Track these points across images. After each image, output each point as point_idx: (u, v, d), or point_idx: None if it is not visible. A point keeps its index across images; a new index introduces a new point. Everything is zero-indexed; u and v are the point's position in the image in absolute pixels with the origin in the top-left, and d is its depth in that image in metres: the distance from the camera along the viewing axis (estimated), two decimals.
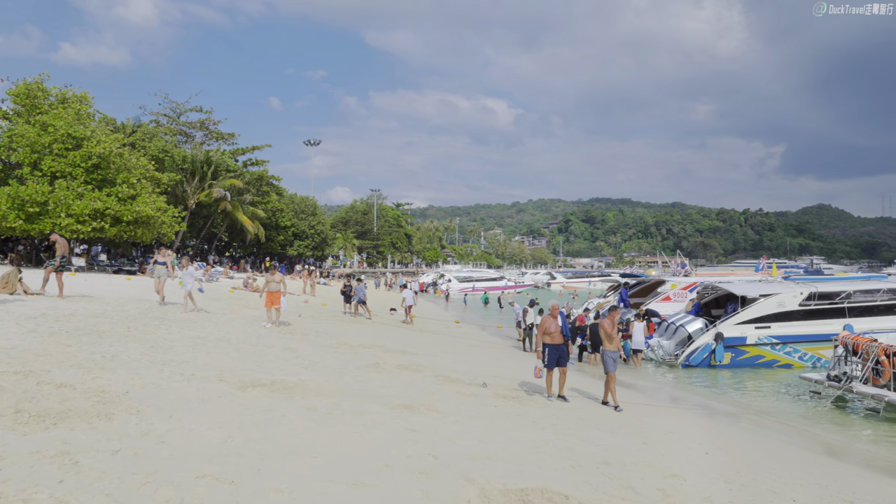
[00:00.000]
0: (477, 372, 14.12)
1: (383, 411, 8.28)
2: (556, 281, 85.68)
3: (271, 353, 12.25)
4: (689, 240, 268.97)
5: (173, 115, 61.51)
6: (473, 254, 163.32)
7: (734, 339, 18.52)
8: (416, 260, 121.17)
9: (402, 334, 20.70)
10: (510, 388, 12.04)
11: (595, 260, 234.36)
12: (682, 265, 28.85)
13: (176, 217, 41.71)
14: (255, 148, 64.79)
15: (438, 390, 10.74)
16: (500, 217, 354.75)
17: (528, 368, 16.68)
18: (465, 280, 67.36)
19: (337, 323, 21.38)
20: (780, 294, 18.99)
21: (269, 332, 15.76)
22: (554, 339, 11.37)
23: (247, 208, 57.30)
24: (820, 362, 18.76)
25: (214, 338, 13.00)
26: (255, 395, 8.16)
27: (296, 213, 70.20)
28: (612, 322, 11.44)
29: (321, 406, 8.00)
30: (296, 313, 21.82)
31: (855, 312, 19.01)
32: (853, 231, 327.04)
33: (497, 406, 9.95)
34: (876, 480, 8.67)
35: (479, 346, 21.09)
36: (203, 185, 51.84)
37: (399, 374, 11.97)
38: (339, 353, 13.87)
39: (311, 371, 10.79)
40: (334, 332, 18.17)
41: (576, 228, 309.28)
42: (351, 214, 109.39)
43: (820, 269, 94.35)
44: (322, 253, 77.57)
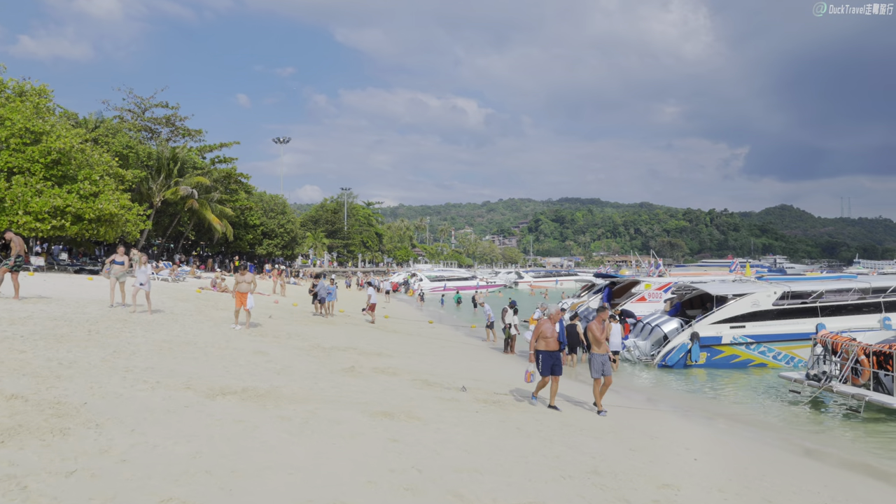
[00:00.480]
0: (454, 375, 13.76)
1: (362, 419, 7.87)
2: (523, 280, 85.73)
3: (242, 357, 11.73)
4: (656, 239, 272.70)
5: (138, 110, 60.01)
6: (444, 253, 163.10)
7: (709, 339, 18.47)
8: (387, 259, 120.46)
9: (376, 336, 20.25)
10: (490, 392, 11.70)
11: (565, 259, 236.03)
12: (655, 265, 28.83)
13: (141, 215, 40.61)
14: (223, 145, 63.69)
15: (417, 395, 10.35)
16: (471, 216, 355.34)
17: (505, 371, 16.41)
18: (437, 279, 66.98)
19: (309, 324, 20.83)
20: (754, 294, 19.01)
21: (238, 334, 15.20)
22: (550, 345, 10.73)
23: (214, 206, 56.14)
24: (793, 361, 18.83)
25: (181, 341, 12.43)
26: (225, 403, 7.68)
27: (265, 211, 69.12)
28: (600, 324, 11.04)
29: (296, 415, 7.55)
30: (266, 314, 21.23)
31: (827, 312, 19.13)
32: (814, 231, 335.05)
33: (479, 412, 9.60)
34: (866, 484, 8.53)
35: (453, 347, 20.74)
36: (169, 182, 50.61)
37: (376, 378, 11.55)
38: (312, 356, 13.39)
39: (283, 376, 10.32)
40: (306, 333, 17.65)
41: (546, 228, 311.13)
42: (321, 213, 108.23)
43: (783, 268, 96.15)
44: (292, 252, 76.53)
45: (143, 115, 60.41)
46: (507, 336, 20.50)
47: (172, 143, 59.04)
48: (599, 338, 10.93)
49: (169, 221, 54.29)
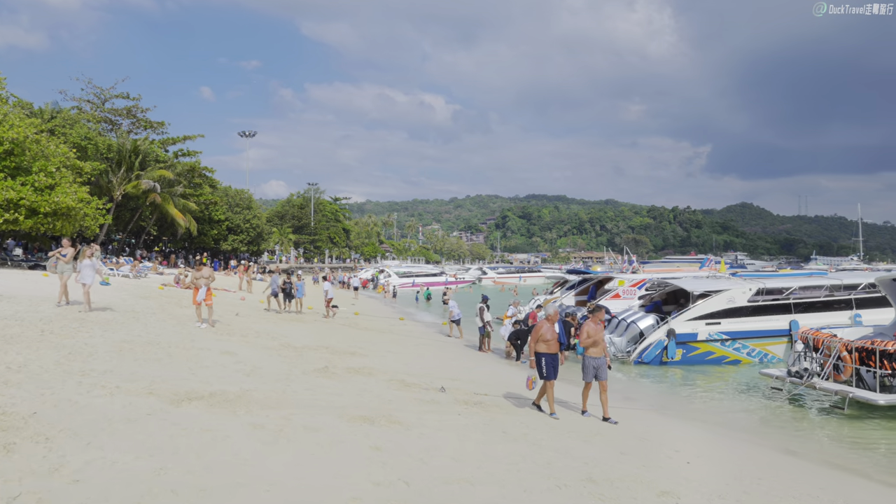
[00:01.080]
0: (431, 374, 13.31)
1: (340, 425, 7.36)
2: (487, 276, 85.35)
3: (208, 357, 11.09)
4: (621, 236, 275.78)
5: (97, 101, 57.93)
6: (412, 249, 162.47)
7: (685, 336, 18.34)
8: (355, 255, 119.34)
9: (348, 333, 19.67)
10: (470, 393, 11.27)
11: (532, 256, 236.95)
12: (629, 262, 28.70)
13: (100, 209, 39.13)
14: (186, 138, 62.00)
15: (395, 397, 9.87)
16: (438, 213, 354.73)
17: (482, 369, 16.00)
18: (406, 276, 66.39)
19: (277, 322, 20.15)
20: (730, 290, 18.94)
21: (204, 333, 14.51)
22: (550, 347, 10.05)
23: (178, 201, 54.62)
24: (767, 358, 18.82)
25: (143, 341, 11.72)
26: (191, 410, 7.09)
27: (230, 206, 67.64)
28: (596, 324, 10.42)
29: (269, 422, 7.00)
30: (233, 312, 20.50)
31: (800, 308, 19.16)
32: (773, 228, 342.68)
33: (461, 414, 9.16)
34: (859, 485, 8.33)
35: (427, 344, 20.26)
36: (130, 175, 49.02)
37: (351, 379, 11.03)
38: (283, 356, 12.80)
39: (254, 378, 9.73)
40: (275, 332, 17.00)
41: (513, 224, 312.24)
42: (287, 208, 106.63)
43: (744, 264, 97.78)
44: (258, 248, 75.12)
45: (103, 105, 58.36)
46: (487, 334, 20.09)
47: (134, 135, 57.23)
48: (596, 338, 10.30)
49: (130, 216, 52.67)
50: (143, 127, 60.30)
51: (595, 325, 10.36)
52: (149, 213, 53.26)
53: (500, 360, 18.76)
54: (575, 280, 28.48)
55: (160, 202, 50.91)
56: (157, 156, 54.65)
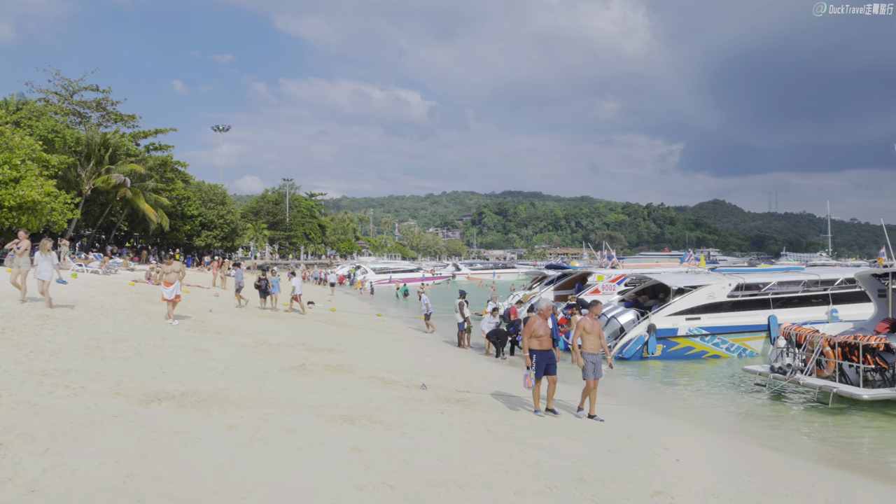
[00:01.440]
0: (411, 371, 13.00)
1: (319, 426, 7.03)
2: (461, 272, 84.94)
3: (180, 355, 10.66)
4: (596, 232, 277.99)
5: (65, 93, 56.47)
6: (388, 245, 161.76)
7: (666, 331, 18.25)
8: (331, 251, 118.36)
9: (325, 330, 19.27)
10: (451, 390, 11.00)
11: (508, 252, 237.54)
12: (608, 257, 28.64)
13: (68, 203, 38.24)
14: (158, 131, 60.79)
15: (376, 395, 9.55)
16: (414, 209, 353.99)
17: (462, 365, 15.73)
18: (383, 271, 65.90)
19: (252, 318, 19.68)
20: (709, 285, 18.89)
21: (176, 330, 14.03)
22: (543, 343, 9.73)
23: (149, 195, 53.49)
24: (745, 353, 18.83)
25: (112, 339, 11.24)
26: (161, 411, 6.70)
27: (203, 201, 66.50)
28: (593, 319, 10.07)
29: (244, 423, 6.65)
30: (206, 308, 19.98)
31: (778, 303, 19.20)
32: (744, 225, 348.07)
33: (444, 412, 8.88)
34: (846, 480, 8.21)
35: (406, 340, 19.95)
36: (100, 169, 47.83)
37: (329, 377, 10.69)
38: (258, 353, 12.39)
39: (228, 377, 9.34)
40: (250, 328, 16.56)
41: (489, 221, 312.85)
42: (262, 204, 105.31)
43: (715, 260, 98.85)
44: (232, 244, 74.07)
45: (72, 98, 56.93)
46: (466, 330, 19.81)
47: (104, 128, 55.87)
48: (592, 333, 9.92)
49: (100, 211, 51.44)
50: (114, 120, 58.98)
51: (592, 321, 9.99)
52: (119, 208, 52.11)
53: (479, 357, 18.51)
54: (554, 275, 28.32)
55: (131, 197, 49.78)
56: (128, 149, 53.49)
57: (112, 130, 54.52)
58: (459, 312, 19.84)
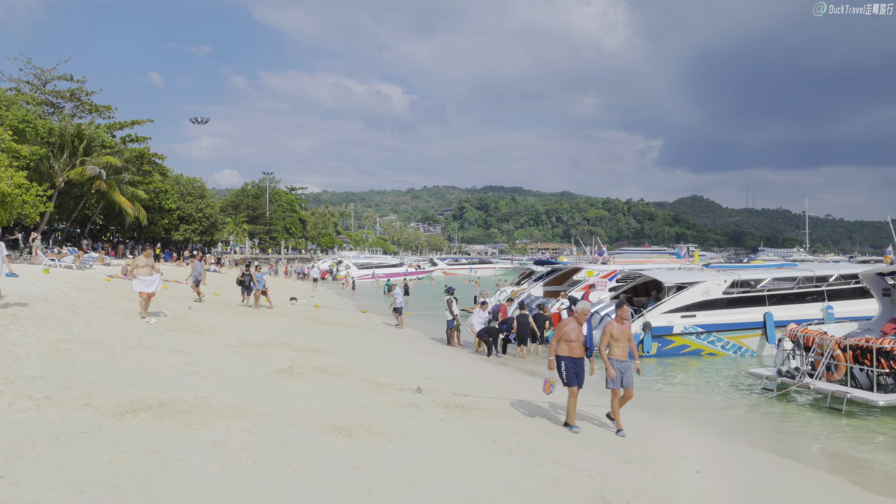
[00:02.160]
0: (404, 372, 12.38)
1: (313, 439, 6.39)
2: (437, 267, 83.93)
3: (158, 358, 9.93)
4: (577, 228, 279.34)
5: (38, 82, 54.77)
6: (369, 240, 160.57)
7: (661, 329, 17.80)
8: (311, 246, 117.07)
9: (311, 328, 18.56)
10: (448, 393, 10.39)
11: (489, 247, 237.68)
12: (599, 252, 28.17)
13: (40, 196, 36.99)
14: (134, 122, 59.26)
15: (370, 400, 8.92)
16: (396, 203, 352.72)
17: (457, 367, 15.11)
18: (365, 266, 65.07)
19: (234, 316, 18.91)
20: (705, 282, 18.45)
21: (153, 329, 13.26)
22: (574, 350, 8.73)
23: (125, 188, 52.06)
24: (741, 351, 18.45)
25: (83, 340, 10.47)
26: (136, 425, 6.01)
27: (182, 195, 65.14)
28: (620, 323, 8.94)
29: (230, 437, 5.98)
30: (185, 305, 19.18)
31: (773, 300, 18.83)
32: (722, 221, 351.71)
33: (444, 419, 8.27)
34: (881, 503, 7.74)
35: (393, 339, 19.29)
36: (74, 161, 46.39)
37: (319, 380, 10.02)
38: (242, 355, 11.68)
39: (210, 382, 8.64)
40: (232, 327, 15.81)
41: (470, 216, 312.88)
42: (242, 198, 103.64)
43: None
44: (211, 238, 72.73)
45: (44, 87, 55.27)
46: (456, 327, 19.21)
47: (78, 119, 54.33)
48: (620, 338, 8.87)
49: (74, 204, 50.02)
50: (89, 111, 57.40)
51: (620, 325, 8.93)
52: (94, 201, 50.71)
53: (471, 355, 17.93)
54: (542, 271, 27.83)
55: (106, 190, 48.40)
56: (104, 141, 51.95)
57: (87, 121, 53.06)
58: (448, 309, 19.23)
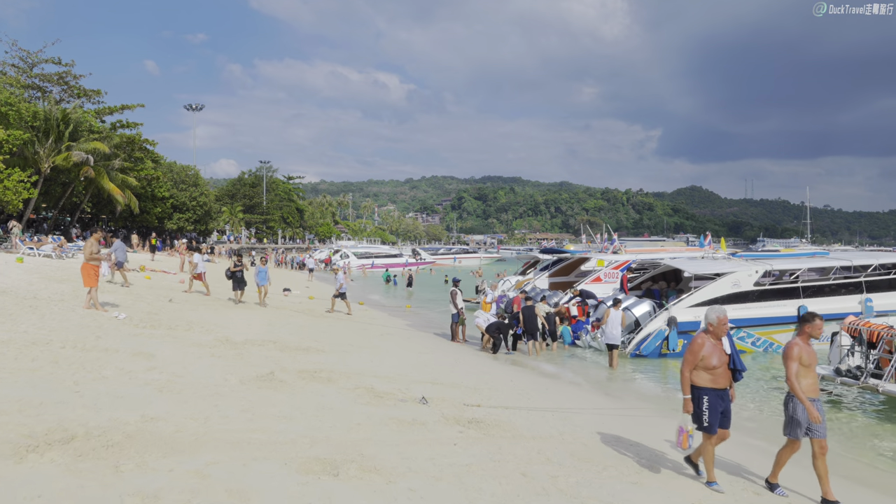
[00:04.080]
0: (405, 375, 10.80)
1: (287, 483, 4.79)
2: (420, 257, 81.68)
3: (112, 362, 8.32)
4: (575, 218, 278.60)
5: (24, 65, 52.83)
6: (367, 230, 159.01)
7: (687, 325, 16.18)
8: (309, 236, 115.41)
9: (302, 322, 16.94)
10: (458, 403, 8.80)
11: (488, 237, 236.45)
12: (610, 240, 26.54)
13: (24, 182, 35.37)
14: (124, 107, 57.34)
15: (365, 416, 7.32)
16: (394, 193, 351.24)
17: (462, 366, 13.53)
18: (364, 256, 63.49)
19: (218, 309, 17.31)
20: (735, 272, 16.82)
21: (119, 325, 11.65)
22: (718, 378, 6.25)
23: (115, 175, 50.22)
24: (772, 348, 16.90)
25: (25, 341, 8.84)
26: (41, 469, 4.39)
27: (175, 183, 63.38)
28: (808, 344, 6.32)
29: (172, 486, 4.37)
30: (166, 298, 17.56)
31: (808, 292, 17.24)
32: (721, 211, 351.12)
33: (457, 443, 6.68)
34: None
35: (393, 334, 17.66)
36: (59, 146, 44.56)
37: (305, 389, 8.42)
38: (217, 356, 10.07)
39: (168, 396, 7.03)
40: (213, 322, 14.20)
41: (469, 206, 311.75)
42: (238, 187, 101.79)
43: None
44: (206, 227, 71.00)
45: (31, 70, 53.31)
46: (461, 322, 17.62)
47: (66, 104, 52.40)
48: (811, 367, 6.25)
49: (61, 191, 48.26)
50: (77, 95, 55.48)
51: (808, 347, 6.26)
52: (82, 188, 48.93)
53: (477, 353, 16.36)
54: (548, 260, 26.20)
55: (94, 176, 46.61)
56: (91, 126, 50.08)
57: (74, 105, 51.18)
58: (453, 302, 17.63)
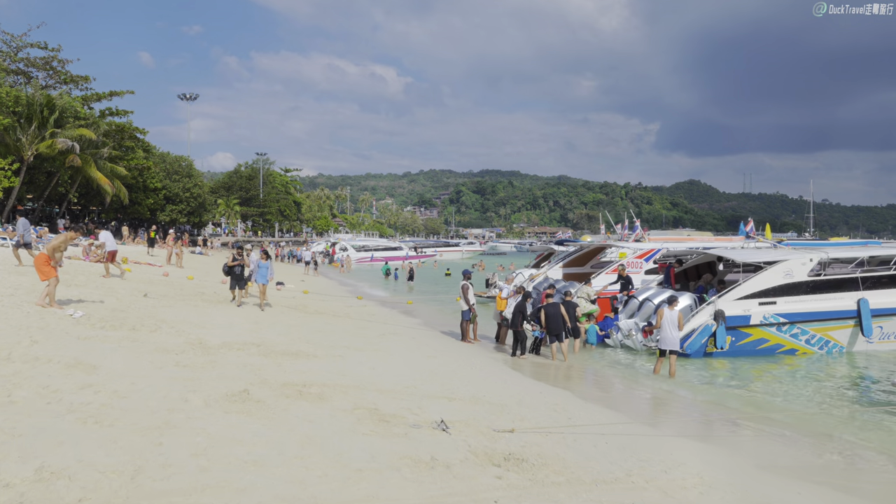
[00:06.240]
0: (413, 388, 8.83)
1: None
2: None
3: (35, 378, 6.34)
4: (574, 212, 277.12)
5: (8, 49, 50.58)
6: (365, 223, 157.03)
7: (735, 319, 14.21)
8: (306, 229, 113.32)
9: (293, 320, 14.94)
10: (485, 429, 6.85)
11: (486, 231, 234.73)
12: (633, 228, 24.53)
13: (5, 170, 33.32)
14: (113, 94, 54.93)
15: (368, 455, 5.36)
16: (392, 187, 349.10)
17: (478, 372, 11.44)
18: (363, 249, 61.52)
19: (197, 304, 15.33)
20: (787, 261, 14.83)
21: (70, 326, 9.66)
22: None
23: (103, 164, 48.11)
24: (828, 346, 14.97)
25: None
26: None
27: (168, 173, 61.30)
28: None
29: None
30: (140, 292, 15.58)
31: (868, 284, 15.28)
32: (719, 205, 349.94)
33: (499, 501, 4.72)
34: None
35: (395, 333, 15.65)
36: (43, 133, 42.46)
37: (287, 413, 6.45)
38: (182, 365, 8.09)
39: (94, 430, 5.04)
40: (189, 320, 12.22)
41: (467, 199, 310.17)
42: (234, 179, 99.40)
43: None
44: (199, 219, 68.94)
45: (15, 55, 51.07)
46: (472, 319, 15.64)
47: (52, 90, 50.19)
48: None
49: (46, 180, 46.19)
50: (64, 81, 53.25)
51: None
52: (68, 177, 46.85)
53: (493, 355, 14.42)
54: (563, 252, 24.24)
55: (81, 165, 44.50)
56: (77, 112, 47.89)
57: (59, 91, 49.02)
58: (464, 298, 15.62)
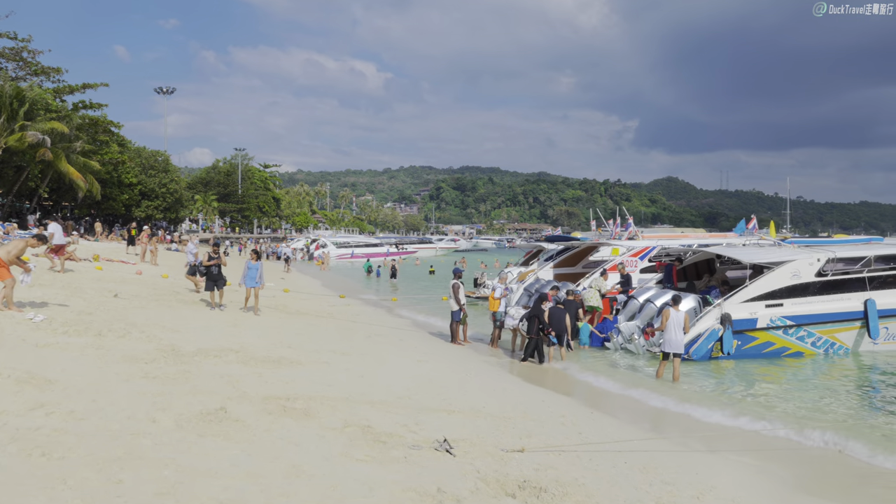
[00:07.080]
0: (407, 399, 8.07)
1: None
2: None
3: None
4: (554, 208, 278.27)
5: None
6: (345, 220, 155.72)
7: (742, 322, 13.63)
8: (286, 225, 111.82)
9: (274, 322, 14.06)
10: (493, 448, 6.12)
11: (466, 227, 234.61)
12: (626, 226, 23.96)
13: None
14: (86, 86, 53.37)
15: (366, 488, 4.60)
16: (372, 183, 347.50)
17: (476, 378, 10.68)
18: (343, 245, 60.56)
19: (172, 304, 14.42)
20: (794, 261, 14.25)
21: (28, 332, 8.76)
22: None
23: (76, 159, 46.57)
24: (834, 347, 14.47)
25: None
26: None
27: (144, 168, 59.73)
28: None
29: None
30: (111, 292, 14.60)
31: (875, 284, 14.78)
32: (697, 202, 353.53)
33: None
34: None
35: (383, 335, 14.85)
36: (12, 126, 40.93)
37: (270, 434, 5.65)
38: (151, 376, 7.23)
39: (37, 465, 4.20)
40: (161, 323, 11.32)
41: (447, 196, 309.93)
42: (212, 175, 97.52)
43: None
44: (176, 215, 67.37)
45: None
46: (462, 320, 14.88)
47: (23, 82, 48.48)
48: None
49: (15, 175, 44.58)
50: (35, 73, 51.54)
51: None
52: (38, 171, 45.26)
53: (487, 358, 13.71)
54: (554, 249, 23.59)
55: (52, 159, 43.00)
56: (48, 105, 46.31)
57: (29, 83, 47.35)
58: (454, 298, 14.85)
